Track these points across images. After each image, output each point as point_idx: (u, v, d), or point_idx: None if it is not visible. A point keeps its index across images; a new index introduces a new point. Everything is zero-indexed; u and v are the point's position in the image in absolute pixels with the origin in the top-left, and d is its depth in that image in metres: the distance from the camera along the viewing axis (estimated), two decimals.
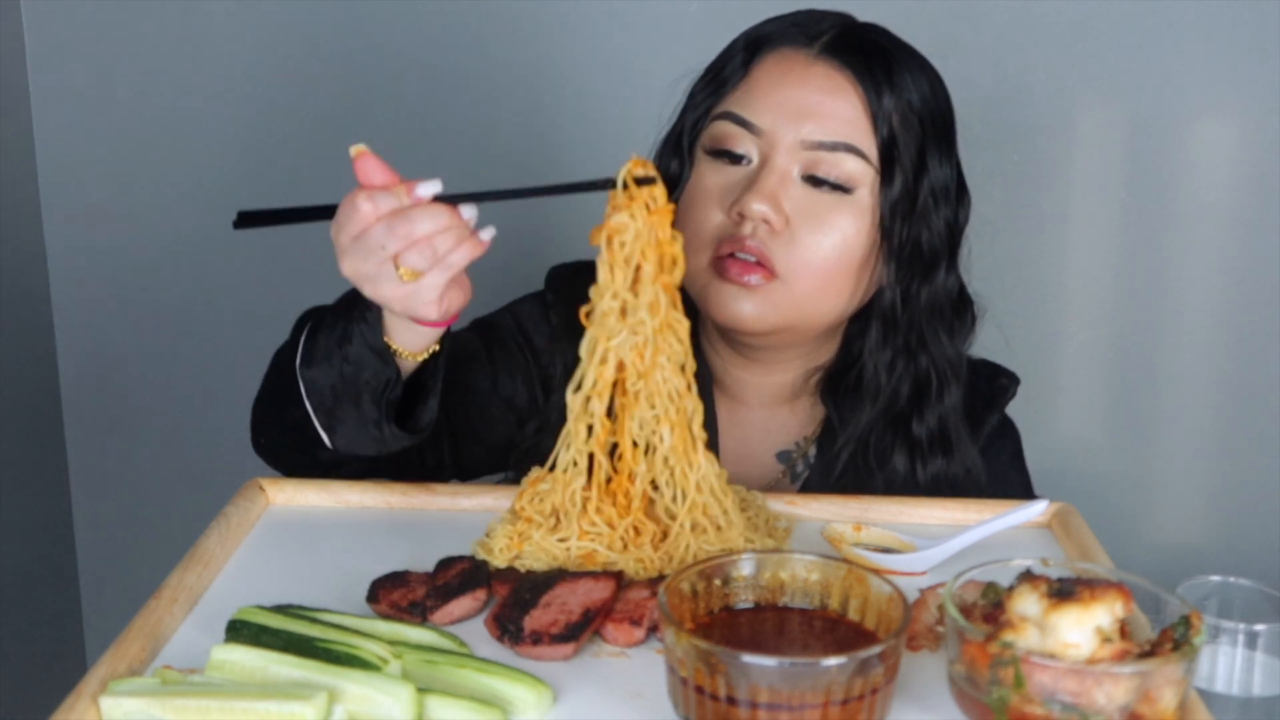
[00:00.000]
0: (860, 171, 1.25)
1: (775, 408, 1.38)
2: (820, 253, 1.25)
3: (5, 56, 2.04)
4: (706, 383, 1.36)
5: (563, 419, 1.11)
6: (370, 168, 1.03)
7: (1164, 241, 2.06)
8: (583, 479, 1.10)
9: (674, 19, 2.00)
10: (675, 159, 1.31)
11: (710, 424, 1.34)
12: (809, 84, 1.25)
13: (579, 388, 1.09)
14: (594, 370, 1.08)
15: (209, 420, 2.18)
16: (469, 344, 1.37)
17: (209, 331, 2.19)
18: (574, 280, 1.38)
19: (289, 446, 1.22)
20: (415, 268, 1.03)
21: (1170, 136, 2.02)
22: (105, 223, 2.16)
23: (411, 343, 1.12)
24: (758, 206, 1.23)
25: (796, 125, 1.24)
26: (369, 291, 1.05)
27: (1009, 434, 1.43)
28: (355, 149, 1.03)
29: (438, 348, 1.14)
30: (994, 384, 1.41)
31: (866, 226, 1.26)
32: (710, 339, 1.37)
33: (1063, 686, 0.82)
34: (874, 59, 1.26)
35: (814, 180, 1.25)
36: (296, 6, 2.04)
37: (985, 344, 1.44)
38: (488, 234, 1.05)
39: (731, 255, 1.25)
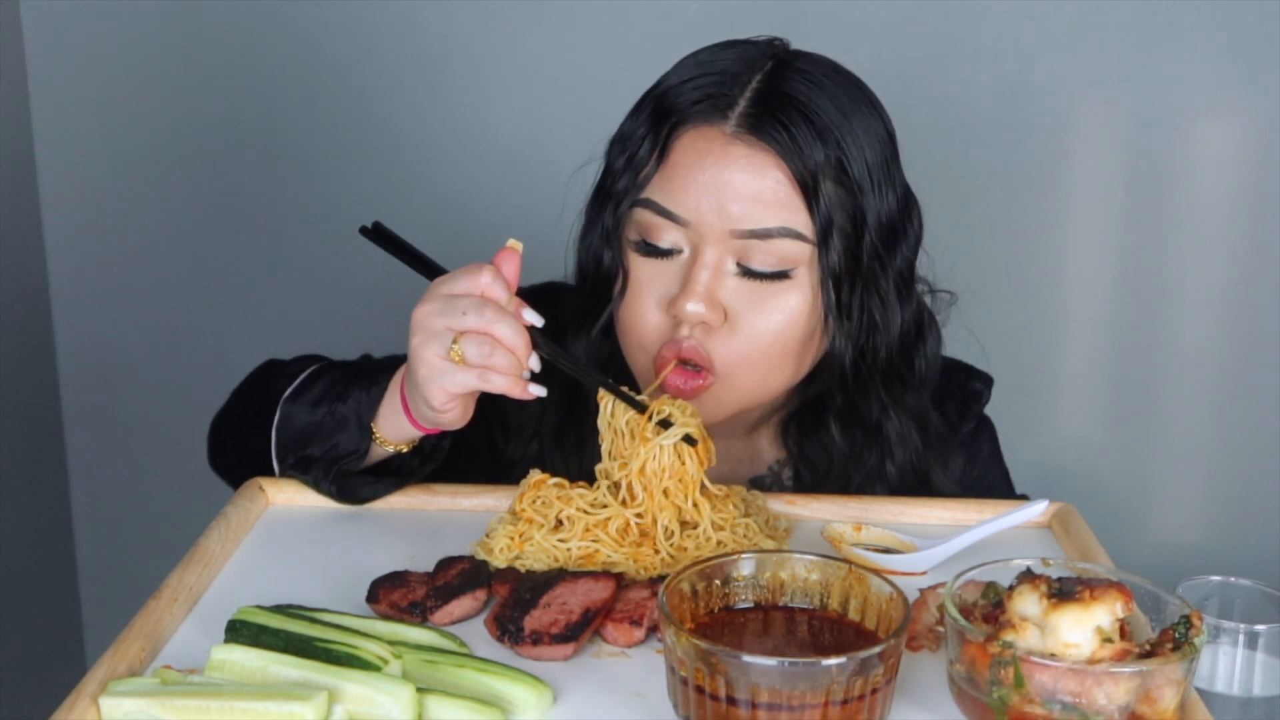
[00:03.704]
0: (797, 251, 1.17)
1: (745, 437, 1.35)
2: (762, 340, 1.19)
3: (5, 56, 2.04)
4: None
5: (521, 469, 1.19)
6: (511, 262, 1.08)
7: (1164, 241, 2.06)
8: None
9: (674, 19, 2.00)
10: (605, 250, 1.24)
11: None
12: (730, 166, 1.16)
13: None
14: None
15: (209, 420, 2.18)
16: None
17: (209, 331, 2.19)
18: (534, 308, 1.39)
19: (243, 473, 1.25)
20: (466, 354, 1.05)
21: (1170, 136, 2.02)
22: (105, 223, 2.16)
23: (391, 432, 1.16)
24: (692, 308, 1.16)
25: (723, 213, 1.16)
26: (414, 342, 1.07)
27: (985, 434, 1.41)
28: (513, 243, 1.09)
29: (407, 448, 1.18)
30: (967, 389, 1.39)
31: (809, 299, 1.19)
32: None
33: (1063, 686, 0.82)
34: (796, 125, 1.16)
35: (749, 272, 1.18)
36: (296, 7, 2.04)
37: (976, 345, 1.44)
38: (536, 390, 1.08)
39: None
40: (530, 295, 1.40)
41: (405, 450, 1.18)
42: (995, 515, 1.15)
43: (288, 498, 1.22)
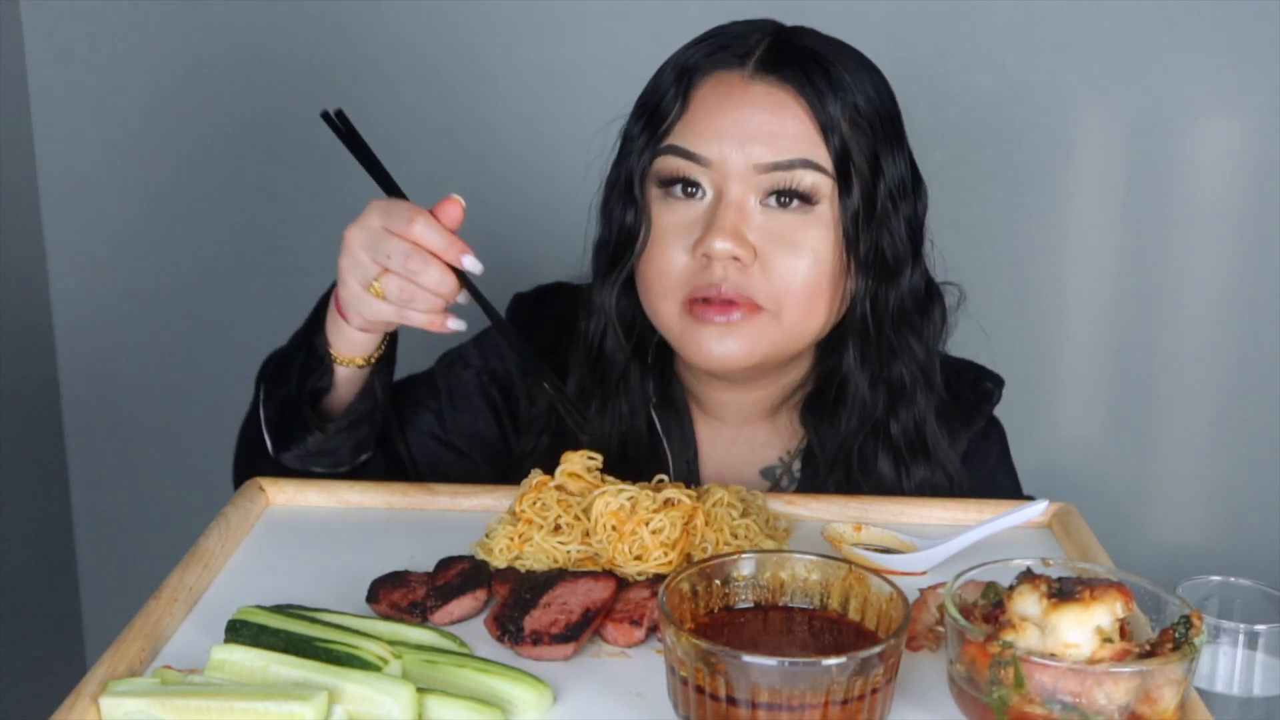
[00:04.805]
0: (819, 183, 1.20)
1: (756, 424, 1.36)
2: (799, 275, 1.20)
3: (5, 56, 2.04)
4: (684, 404, 1.35)
5: (531, 463, 1.20)
6: (452, 214, 1.11)
7: (1164, 241, 2.06)
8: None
9: (674, 19, 2.00)
10: (628, 207, 1.25)
11: (691, 444, 1.34)
12: (751, 105, 1.20)
13: None
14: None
15: (209, 420, 2.17)
16: (422, 388, 1.40)
17: (209, 331, 2.19)
18: (535, 310, 1.40)
19: (250, 463, 1.28)
20: (386, 291, 1.10)
21: (1170, 136, 2.02)
22: (105, 224, 2.16)
23: (343, 347, 1.19)
24: (721, 245, 1.18)
25: (745, 151, 1.19)
26: (341, 262, 1.12)
27: (994, 434, 1.42)
28: (456, 197, 1.11)
29: (362, 362, 1.21)
30: (978, 388, 1.40)
31: (833, 239, 1.22)
32: (687, 362, 1.34)
33: (1063, 686, 0.82)
34: (811, 67, 1.21)
35: (776, 199, 1.20)
36: (296, 7, 2.04)
37: (981, 344, 1.44)
38: (455, 324, 1.12)
39: (707, 300, 1.20)
40: (537, 295, 1.42)
41: (361, 364, 1.21)
42: (995, 515, 1.15)
43: (288, 498, 1.22)
